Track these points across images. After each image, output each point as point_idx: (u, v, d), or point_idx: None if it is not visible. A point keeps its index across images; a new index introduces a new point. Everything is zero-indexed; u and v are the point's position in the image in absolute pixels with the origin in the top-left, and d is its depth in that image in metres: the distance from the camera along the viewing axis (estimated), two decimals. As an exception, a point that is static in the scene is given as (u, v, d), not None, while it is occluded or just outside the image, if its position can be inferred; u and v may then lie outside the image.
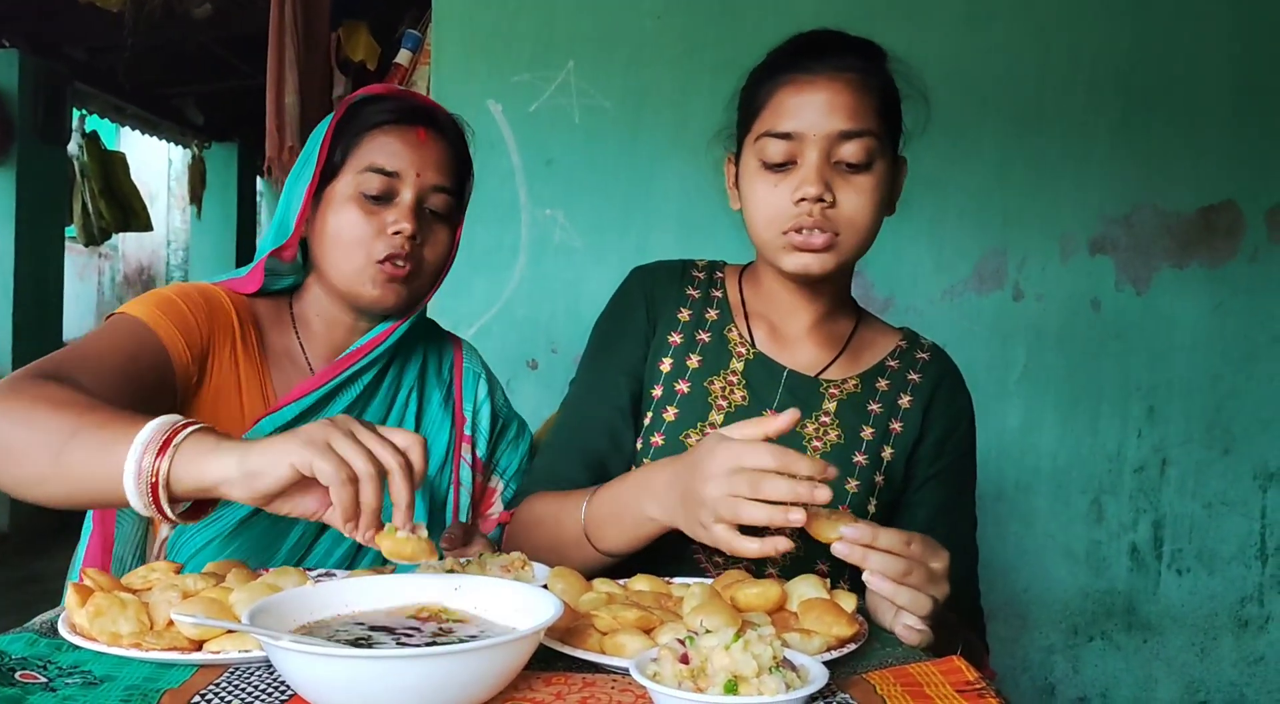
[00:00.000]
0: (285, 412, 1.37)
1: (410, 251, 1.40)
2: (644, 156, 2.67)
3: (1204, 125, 2.71)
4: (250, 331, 1.43)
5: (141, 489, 1.00)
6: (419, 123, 1.43)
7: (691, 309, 1.46)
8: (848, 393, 1.42)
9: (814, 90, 1.30)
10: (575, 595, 1.08)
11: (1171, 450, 2.74)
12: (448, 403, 1.55)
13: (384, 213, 1.40)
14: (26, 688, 0.86)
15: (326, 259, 1.43)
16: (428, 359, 1.56)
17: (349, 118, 1.43)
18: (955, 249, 2.73)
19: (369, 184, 1.39)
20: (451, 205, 1.46)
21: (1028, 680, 2.76)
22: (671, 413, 1.40)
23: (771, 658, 0.83)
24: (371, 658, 0.80)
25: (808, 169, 1.28)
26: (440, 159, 1.44)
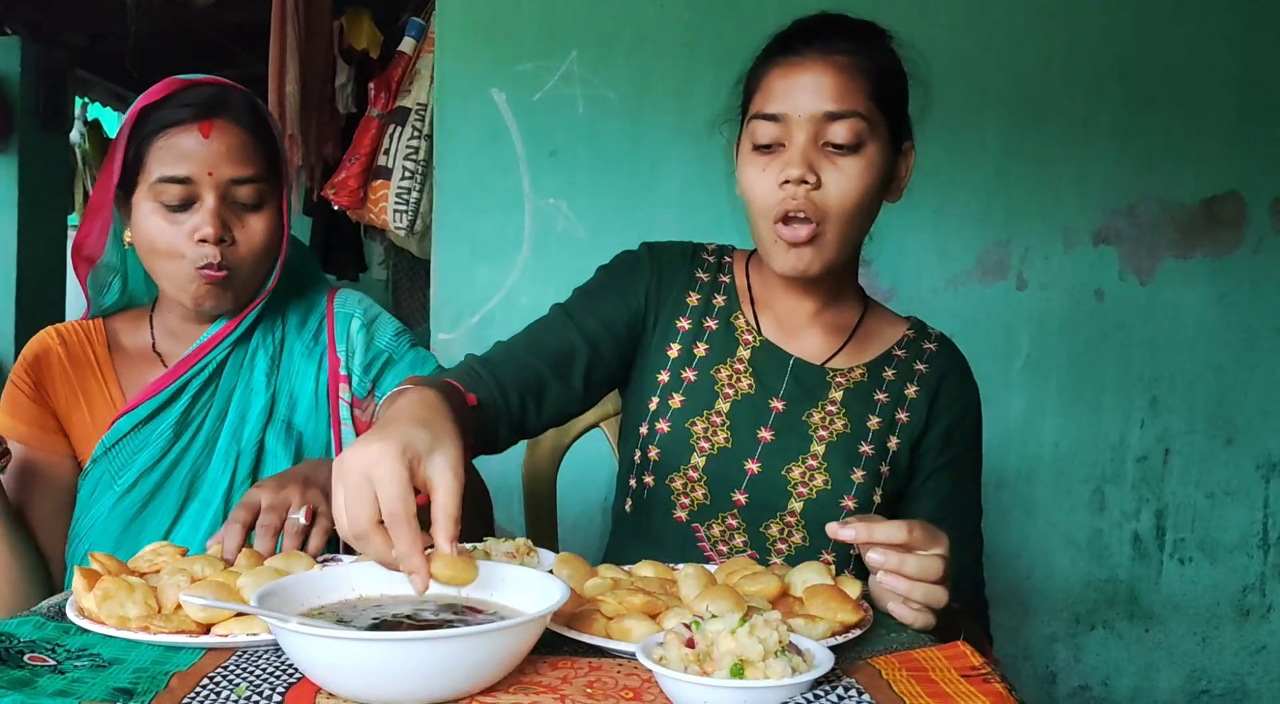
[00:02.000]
0: (140, 409, 1.45)
1: (223, 254, 1.40)
2: (648, 146, 2.66)
3: (1208, 116, 2.70)
4: (85, 350, 1.51)
5: None
6: (203, 116, 1.40)
7: (700, 293, 1.45)
8: (854, 382, 1.41)
9: (801, 72, 1.30)
10: (581, 581, 1.08)
11: (1174, 440, 2.74)
12: (314, 350, 1.54)
13: (187, 218, 1.40)
14: (35, 670, 0.86)
15: (152, 268, 1.46)
16: (288, 316, 1.56)
17: (139, 123, 1.41)
18: (959, 239, 2.72)
19: (166, 195, 1.39)
20: (262, 190, 1.44)
21: (1029, 669, 2.77)
22: (678, 400, 1.40)
23: (777, 642, 0.83)
24: (379, 640, 0.80)
25: (793, 150, 1.28)
26: (235, 148, 1.41)
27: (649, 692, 0.87)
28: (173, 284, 1.44)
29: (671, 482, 1.39)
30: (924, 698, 0.82)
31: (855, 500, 1.36)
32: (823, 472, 1.37)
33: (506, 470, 1.74)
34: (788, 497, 1.36)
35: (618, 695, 0.86)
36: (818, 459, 1.37)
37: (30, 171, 5.82)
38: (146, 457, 1.44)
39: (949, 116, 2.69)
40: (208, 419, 1.48)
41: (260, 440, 1.48)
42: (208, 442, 1.47)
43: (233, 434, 1.47)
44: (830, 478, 1.36)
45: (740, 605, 0.97)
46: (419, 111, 3.09)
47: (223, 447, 1.47)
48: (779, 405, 1.40)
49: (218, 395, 1.49)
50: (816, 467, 1.37)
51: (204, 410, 1.48)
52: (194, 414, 1.47)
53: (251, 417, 1.48)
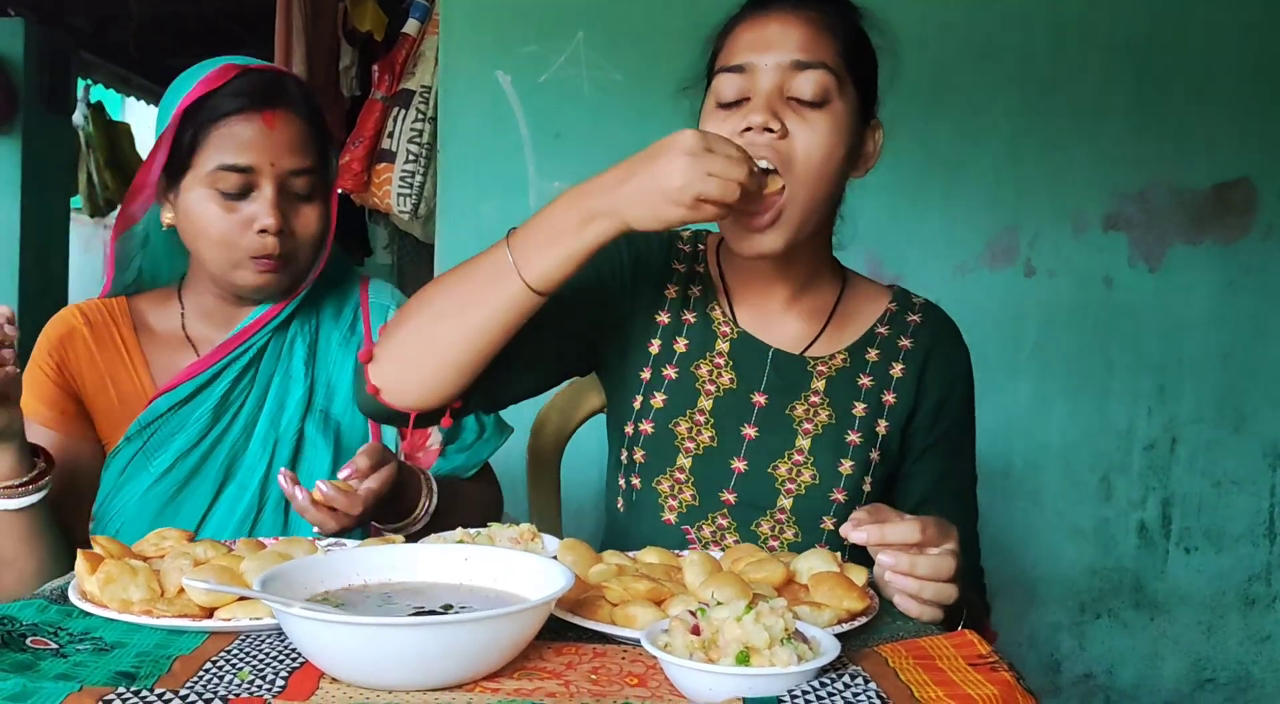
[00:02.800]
0: (179, 390, 1.44)
1: (280, 244, 1.40)
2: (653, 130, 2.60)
3: (1219, 102, 2.68)
4: (111, 331, 1.49)
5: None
6: (265, 106, 1.39)
7: (677, 285, 1.40)
8: (836, 369, 1.36)
9: (766, 24, 1.26)
10: (586, 567, 1.07)
11: (1181, 428, 2.73)
12: (350, 340, 1.55)
13: (245, 207, 1.39)
14: (38, 654, 0.86)
15: (196, 252, 1.44)
16: (323, 306, 1.55)
17: (195, 105, 1.39)
18: (967, 225, 2.71)
19: (225, 182, 1.37)
20: (316, 182, 1.44)
21: (1034, 657, 2.77)
22: (660, 399, 1.36)
23: (783, 630, 0.83)
24: (383, 625, 0.80)
25: (757, 99, 1.23)
26: (295, 139, 1.41)
27: (654, 678, 0.86)
28: (220, 270, 1.42)
29: (659, 484, 1.35)
30: (930, 686, 0.82)
31: (845, 493, 1.32)
32: (809, 466, 1.33)
33: (511, 457, 1.73)
34: (776, 494, 1.33)
35: (622, 682, 0.85)
36: (804, 454, 1.33)
37: (33, 154, 5.80)
38: (184, 439, 1.43)
39: (959, 100, 2.67)
40: (246, 404, 1.47)
41: (300, 429, 1.47)
42: (246, 427, 1.46)
43: (271, 421, 1.47)
44: (818, 472, 1.33)
45: (745, 592, 0.96)
46: (423, 94, 3.07)
47: (261, 433, 1.46)
48: (761, 400, 1.35)
49: (257, 381, 1.48)
50: (803, 462, 1.33)
51: (243, 395, 1.47)
52: (232, 399, 1.46)
53: (290, 404, 1.48)
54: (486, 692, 0.81)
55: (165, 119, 1.41)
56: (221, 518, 1.43)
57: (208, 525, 1.43)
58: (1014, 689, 0.82)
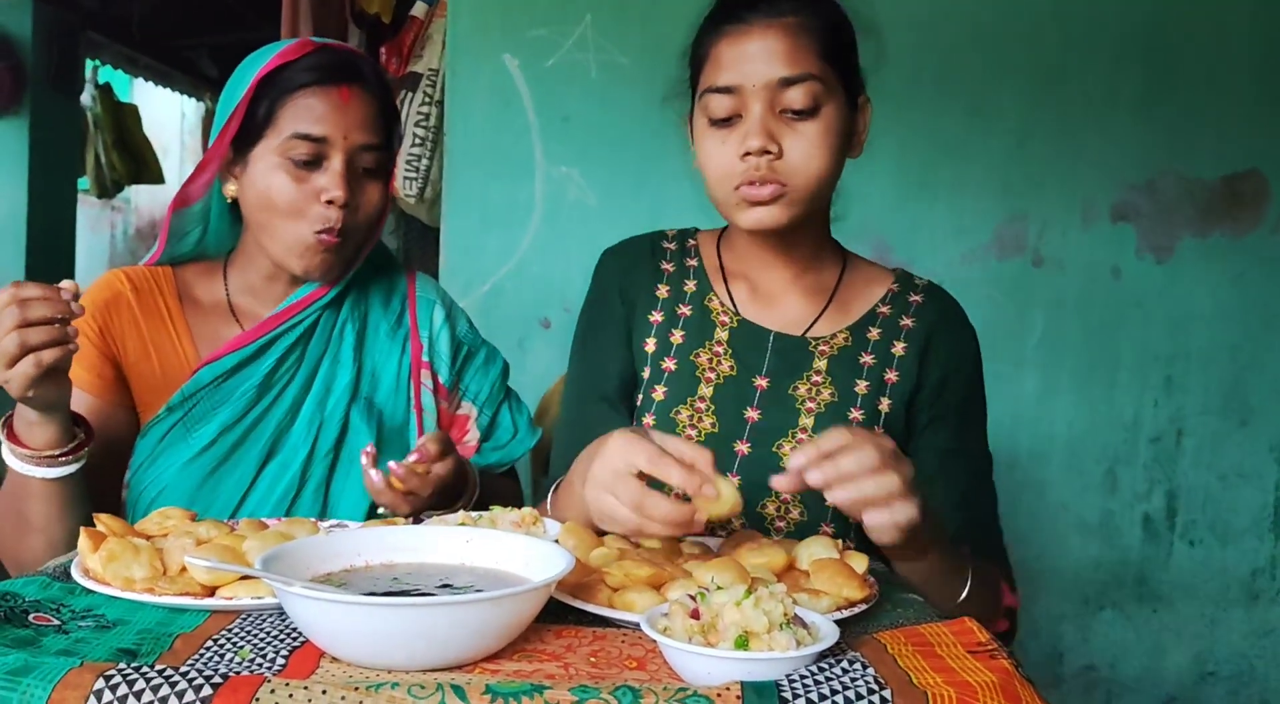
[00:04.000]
0: (224, 361, 1.44)
1: (344, 218, 1.40)
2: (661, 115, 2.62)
3: (1229, 92, 2.66)
4: (158, 298, 1.48)
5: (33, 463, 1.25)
6: (343, 81, 1.41)
7: (669, 284, 1.43)
8: (838, 348, 1.38)
9: (749, 40, 1.27)
10: (587, 551, 1.07)
11: (1188, 421, 2.72)
12: (398, 331, 1.56)
13: (314, 178, 1.40)
14: (40, 630, 0.86)
15: (257, 223, 1.44)
16: (371, 292, 1.57)
17: (269, 77, 1.40)
18: (975, 214, 2.70)
19: (296, 151, 1.39)
20: (381, 159, 1.45)
21: (1036, 648, 2.77)
22: (660, 391, 1.38)
23: (783, 614, 0.83)
24: (383, 605, 0.80)
25: (751, 121, 1.25)
26: (367, 116, 1.43)
27: (653, 662, 0.86)
28: (279, 242, 1.42)
29: None
30: (929, 672, 0.82)
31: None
32: None
33: (514, 440, 1.74)
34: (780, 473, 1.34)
35: (621, 665, 0.85)
36: (807, 432, 1.34)
37: (41, 134, 5.81)
38: (228, 413, 1.43)
39: (968, 89, 2.66)
40: (292, 384, 1.47)
41: (345, 414, 1.48)
42: (292, 407, 1.47)
43: (318, 404, 1.47)
44: None
45: (745, 577, 0.96)
46: (430, 77, 3.07)
47: (306, 414, 1.47)
48: (763, 383, 1.37)
49: (305, 360, 1.49)
50: (806, 440, 1.34)
51: (289, 373, 1.47)
52: (279, 376, 1.46)
53: (337, 389, 1.49)
54: (486, 673, 0.82)
55: (237, 92, 1.42)
56: (261, 496, 1.43)
57: (248, 503, 1.43)
58: (1012, 677, 0.82)
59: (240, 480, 1.43)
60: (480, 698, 0.72)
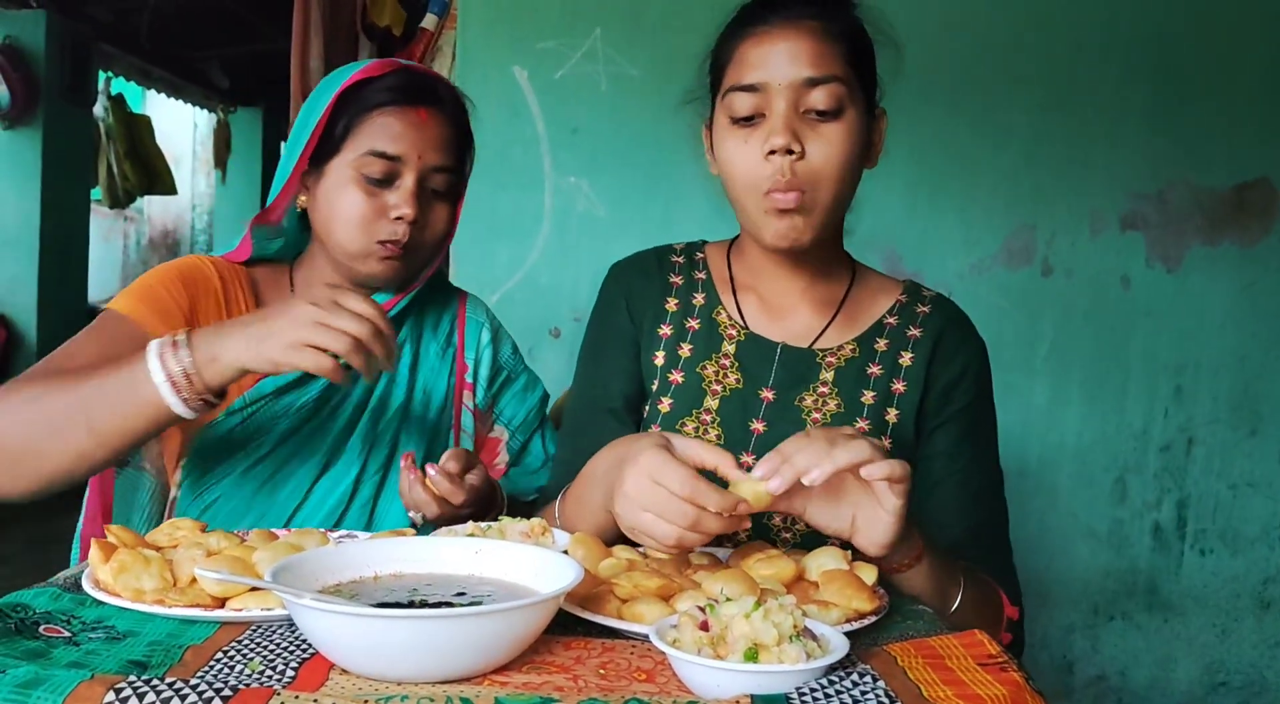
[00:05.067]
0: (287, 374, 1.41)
1: (410, 234, 1.42)
2: (670, 127, 2.63)
3: (1239, 101, 2.66)
4: (239, 294, 1.47)
5: (186, 395, 1.18)
6: (420, 102, 1.43)
7: (678, 298, 1.43)
8: (845, 359, 1.38)
9: (775, 40, 1.27)
10: (596, 562, 1.07)
11: (1198, 430, 2.71)
12: (446, 352, 1.58)
13: (385, 194, 1.41)
14: (50, 641, 0.86)
15: (327, 234, 1.45)
16: (425, 314, 1.58)
17: (350, 94, 1.42)
18: (984, 224, 2.70)
19: (371, 167, 1.40)
20: (452, 182, 1.47)
21: (1046, 658, 2.76)
22: (666, 404, 1.38)
23: (792, 627, 0.82)
24: (392, 617, 0.80)
25: (775, 119, 1.25)
26: (442, 138, 1.44)
27: (662, 674, 0.86)
28: (346, 253, 1.43)
29: None
30: (939, 685, 0.81)
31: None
32: None
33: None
34: None
35: (630, 677, 0.85)
36: None
37: (54, 144, 5.84)
38: (287, 424, 1.43)
39: (978, 99, 2.66)
40: (349, 400, 1.48)
41: (396, 434, 1.49)
42: (348, 424, 1.47)
43: (372, 422, 1.48)
44: None
45: (754, 589, 0.96)
46: (441, 89, 3.07)
47: (361, 432, 1.48)
48: (769, 395, 1.37)
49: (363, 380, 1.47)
50: None
51: (345, 392, 1.48)
52: (337, 392, 1.47)
53: (392, 409, 1.50)
54: (495, 684, 0.82)
55: (317, 108, 1.43)
56: (312, 508, 1.44)
57: (300, 514, 1.43)
58: (1023, 689, 0.82)
59: (294, 492, 1.44)
60: (489, 710, 0.72)
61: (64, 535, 2.61)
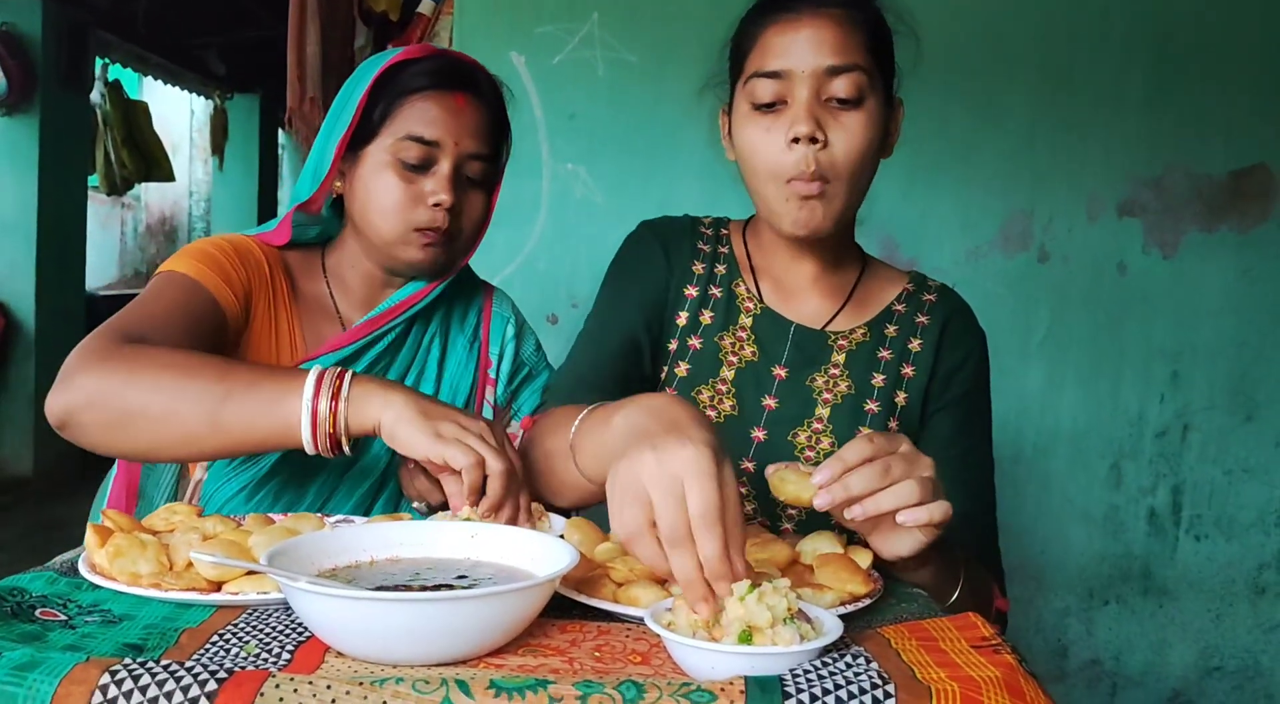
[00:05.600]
0: (321, 361, 1.41)
1: (447, 222, 1.41)
2: (668, 112, 2.64)
3: (1237, 87, 2.66)
4: (280, 279, 1.46)
5: (320, 434, 1.16)
6: (459, 88, 1.42)
7: (704, 263, 1.45)
8: (856, 343, 1.41)
9: (799, 27, 1.27)
10: (592, 546, 1.08)
11: (1194, 416, 2.72)
12: (473, 347, 1.57)
13: (422, 180, 1.40)
14: (46, 625, 0.87)
15: (363, 220, 1.44)
16: (454, 307, 1.57)
17: (387, 79, 1.41)
18: (981, 209, 2.70)
19: (408, 152, 1.39)
20: (488, 171, 1.46)
21: (1041, 642, 2.77)
22: (683, 368, 1.40)
23: (786, 609, 0.83)
24: (388, 601, 0.80)
25: (798, 107, 1.26)
26: (479, 125, 1.43)
27: (657, 656, 0.87)
28: (383, 239, 1.42)
29: None
30: (932, 667, 0.82)
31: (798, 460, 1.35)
32: (829, 434, 1.37)
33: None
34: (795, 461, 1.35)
35: (625, 659, 0.86)
36: (823, 422, 1.37)
37: (51, 131, 5.83)
38: None
39: (975, 83, 2.66)
40: None
41: None
42: None
43: None
44: (836, 440, 1.36)
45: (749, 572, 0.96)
46: (437, 74, 3.06)
47: None
48: (781, 373, 1.39)
49: (392, 370, 1.48)
50: (822, 430, 1.37)
51: None
52: None
53: None
54: (490, 667, 0.82)
55: (355, 94, 1.42)
56: (341, 498, 1.43)
57: (329, 505, 1.43)
58: (1016, 672, 0.82)
59: (325, 482, 1.43)
60: (484, 693, 0.72)
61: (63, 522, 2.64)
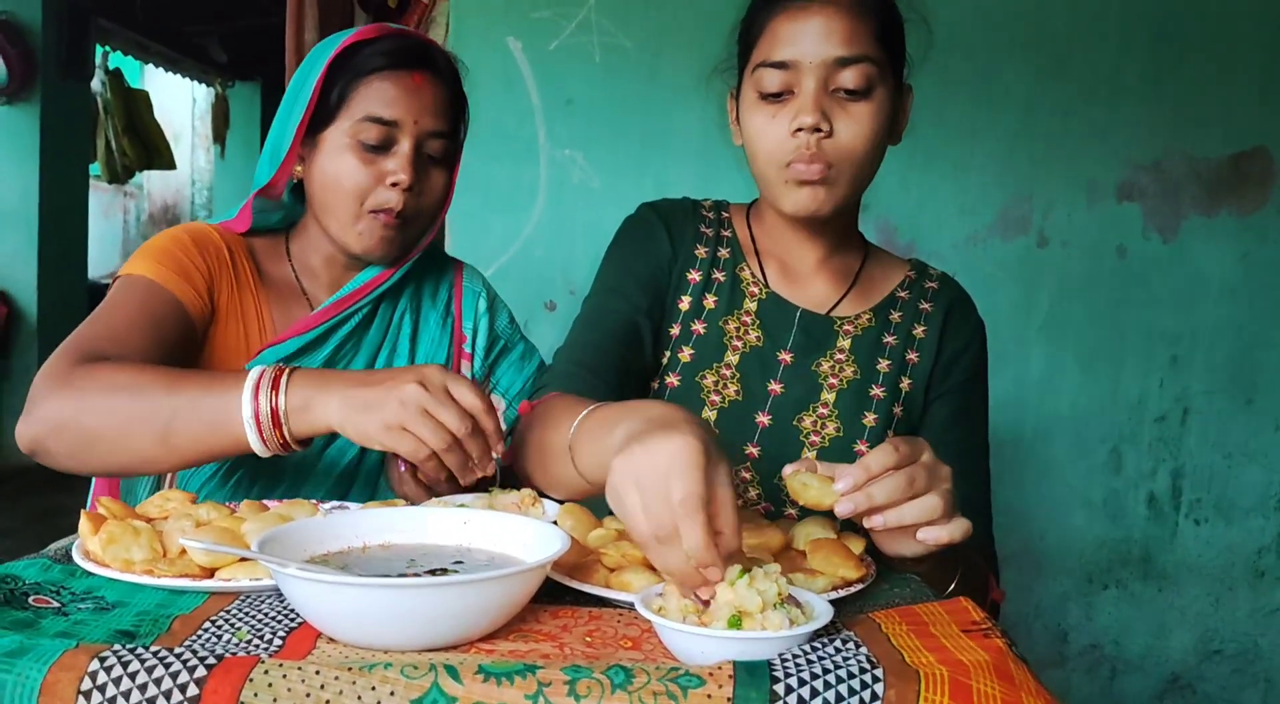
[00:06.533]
0: (288, 344, 1.41)
1: (406, 202, 1.40)
2: (664, 98, 2.63)
3: (1236, 70, 2.64)
4: (244, 264, 1.46)
5: (269, 440, 1.14)
6: (416, 66, 1.41)
7: (706, 246, 1.44)
8: (862, 328, 1.41)
9: (808, 16, 1.27)
10: (584, 532, 1.08)
11: (1194, 400, 2.71)
12: (446, 322, 1.57)
13: (382, 161, 1.39)
14: (39, 612, 0.87)
15: (320, 203, 1.43)
16: (423, 284, 1.57)
17: (342, 61, 1.40)
18: (980, 194, 2.69)
19: (367, 133, 1.38)
20: (448, 148, 1.45)
21: (1040, 627, 2.77)
22: (687, 353, 1.40)
23: (776, 594, 0.83)
24: (378, 586, 0.81)
25: (804, 98, 1.26)
26: (437, 103, 1.42)
27: (648, 641, 0.87)
28: (340, 224, 1.42)
29: None
30: (922, 651, 0.82)
31: (868, 445, 1.36)
32: (834, 419, 1.37)
33: (517, 422, 1.74)
34: (800, 446, 1.36)
35: (616, 644, 0.86)
36: (828, 407, 1.38)
37: (52, 120, 5.82)
38: None
39: (973, 67, 2.64)
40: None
41: None
42: None
43: None
44: (842, 424, 1.37)
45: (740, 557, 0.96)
46: (435, 60, 3.06)
47: None
48: (787, 357, 1.39)
49: (362, 349, 1.48)
50: (827, 415, 1.37)
51: (346, 360, 1.47)
52: (336, 362, 1.45)
53: None
54: (481, 653, 0.82)
55: (309, 78, 1.41)
56: (319, 479, 1.44)
57: (306, 486, 1.43)
58: (1006, 656, 0.82)
59: (302, 464, 1.43)
60: (473, 678, 0.72)
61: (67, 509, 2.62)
